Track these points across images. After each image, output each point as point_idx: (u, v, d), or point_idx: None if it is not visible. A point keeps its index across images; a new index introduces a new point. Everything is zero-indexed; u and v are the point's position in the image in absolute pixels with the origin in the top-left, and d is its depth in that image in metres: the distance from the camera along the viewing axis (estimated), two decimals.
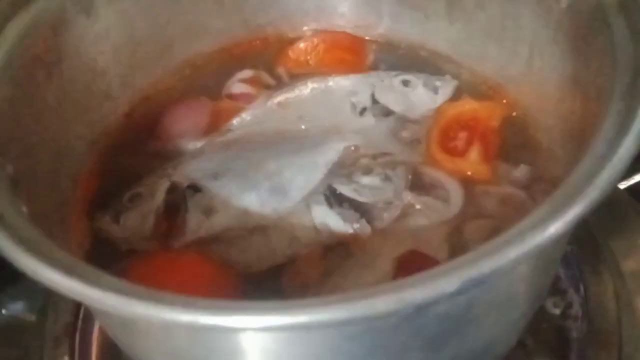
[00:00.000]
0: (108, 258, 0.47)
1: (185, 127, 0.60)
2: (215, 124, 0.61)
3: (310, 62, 0.67)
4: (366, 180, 0.54)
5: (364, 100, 0.61)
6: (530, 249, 0.33)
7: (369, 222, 0.52)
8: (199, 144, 0.59)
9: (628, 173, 0.49)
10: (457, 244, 0.51)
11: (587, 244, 0.60)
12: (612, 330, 0.55)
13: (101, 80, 0.59)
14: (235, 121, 0.61)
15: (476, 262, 0.33)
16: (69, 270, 0.35)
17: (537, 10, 0.54)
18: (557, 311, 0.57)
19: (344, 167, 0.55)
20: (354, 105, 0.61)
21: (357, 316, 0.32)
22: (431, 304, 0.33)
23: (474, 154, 0.56)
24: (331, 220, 0.52)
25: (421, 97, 0.61)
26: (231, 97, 0.64)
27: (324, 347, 0.38)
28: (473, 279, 0.32)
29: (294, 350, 0.39)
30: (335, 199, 0.53)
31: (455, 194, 0.54)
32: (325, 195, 0.53)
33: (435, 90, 0.61)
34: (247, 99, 0.63)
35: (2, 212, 0.39)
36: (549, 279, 0.50)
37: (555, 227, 0.34)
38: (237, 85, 0.64)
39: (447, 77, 0.62)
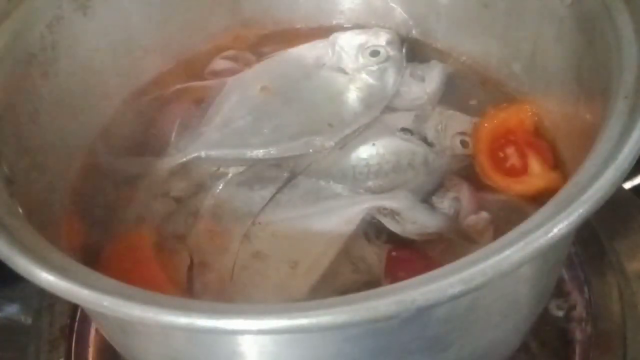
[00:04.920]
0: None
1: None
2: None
3: None
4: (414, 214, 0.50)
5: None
6: (534, 250, 0.33)
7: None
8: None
9: (633, 173, 0.49)
10: None
11: (591, 245, 0.60)
12: (617, 333, 0.55)
13: (98, 79, 0.58)
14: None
15: (478, 263, 0.32)
16: (65, 272, 0.35)
17: (541, 7, 0.54)
18: (560, 313, 0.57)
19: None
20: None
21: (358, 318, 0.32)
22: (433, 306, 0.32)
23: (534, 164, 0.53)
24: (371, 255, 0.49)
25: (410, 86, 0.60)
26: (214, 74, 0.64)
27: (325, 349, 0.38)
28: (475, 280, 0.32)
29: (293, 352, 0.39)
30: (372, 231, 0.51)
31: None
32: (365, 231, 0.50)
33: (421, 79, 0.60)
34: (231, 73, 0.63)
35: None
36: (553, 281, 0.50)
37: (559, 228, 0.33)
38: (218, 62, 0.65)
39: (433, 62, 0.62)
